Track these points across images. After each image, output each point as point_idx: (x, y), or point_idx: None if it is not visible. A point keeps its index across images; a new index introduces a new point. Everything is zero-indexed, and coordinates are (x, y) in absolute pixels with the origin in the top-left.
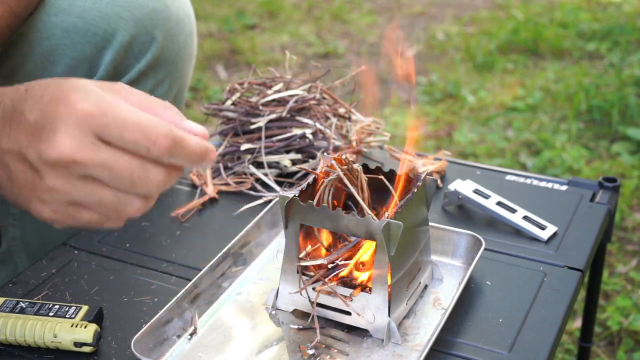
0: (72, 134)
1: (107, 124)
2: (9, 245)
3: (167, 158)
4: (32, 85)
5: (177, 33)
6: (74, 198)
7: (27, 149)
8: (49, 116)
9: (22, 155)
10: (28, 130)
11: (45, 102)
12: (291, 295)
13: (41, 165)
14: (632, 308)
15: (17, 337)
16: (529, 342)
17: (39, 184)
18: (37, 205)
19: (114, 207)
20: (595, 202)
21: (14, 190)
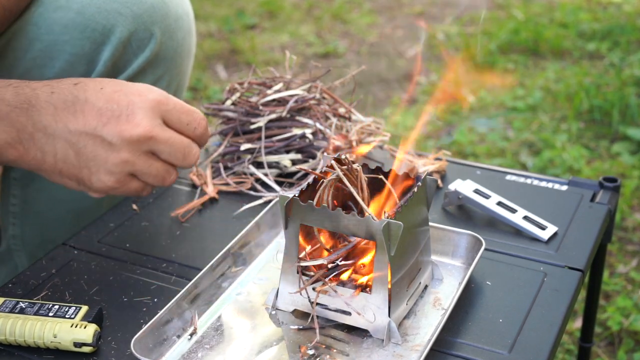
0: (147, 117)
1: (169, 109)
2: (8, 244)
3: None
4: (82, 80)
5: (175, 30)
6: (136, 169)
7: (102, 129)
8: (123, 103)
9: (96, 134)
10: (99, 115)
11: (108, 92)
12: (291, 295)
13: (120, 142)
14: (633, 308)
15: (17, 337)
16: (529, 342)
17: (111, 158)
18: (103, 175)
19: (161, 177)
20: (595, 202)
21: (79, 164)
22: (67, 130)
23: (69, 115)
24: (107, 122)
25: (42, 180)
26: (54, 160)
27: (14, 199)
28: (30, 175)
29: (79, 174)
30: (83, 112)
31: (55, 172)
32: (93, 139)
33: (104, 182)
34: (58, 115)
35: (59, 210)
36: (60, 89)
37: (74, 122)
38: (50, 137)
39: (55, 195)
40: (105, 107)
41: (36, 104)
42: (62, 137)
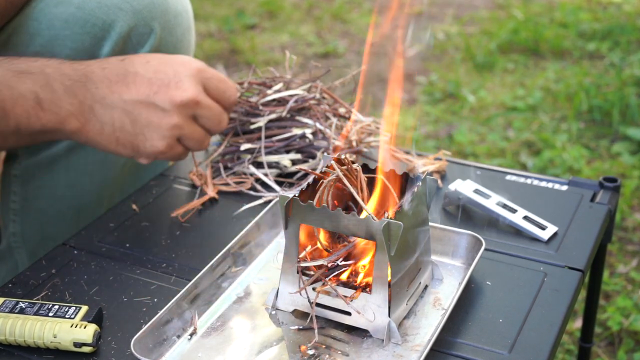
0: (193, 83)
1: (209, 77)
2: (9, 242)
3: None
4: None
5: (175, 26)
6: (183, 133)
7: (154, 97)
8: (170, 72)
9: (149, 102)
10: (150, 84)
11: (154, 64)
12: (291, 296)
13: (170, 107)
14: (633, 308)
15: (17, 337)
16: (529, 342)
17: (164, 123)
18: (156, 140)
19: (200, 141)
20: (595, 202)
21: (135, 131)
22: (122, 100)
23: (123, 86)
24: (157, 90)
25: (42, 178)
26: (112, 129)
27: (14, 196)
28: (31, 172)
29: (135, 140)
30: (135, 83)
31: (111, 141)
32: (146, 107)
33: (157, 146)
34: (113, 87)
35: (59, 207)
36: (110, 65)
37: (128, 93)
38: (108, 107)
39: (56, 192)
40: (155, 77)
41: (93, 77)
42: (119, 107)
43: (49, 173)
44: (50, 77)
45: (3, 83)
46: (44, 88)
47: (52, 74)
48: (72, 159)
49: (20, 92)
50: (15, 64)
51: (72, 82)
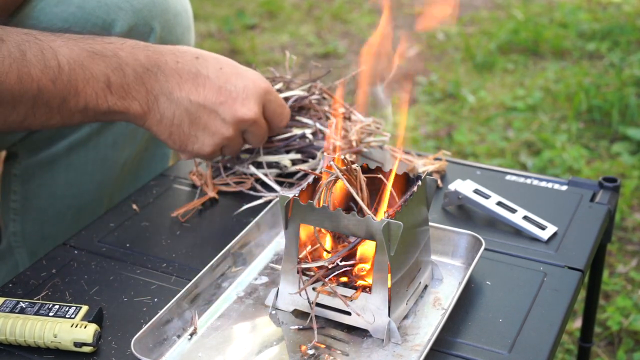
0: (257, 103)
1: (271, 100)
2: (9, 241)
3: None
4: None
5: (174, 25)
6: (229, 144)
7: (219, 106)
8: (240, 87)
9: (213, 109)
10: (217, 92)
11: (227, 74)
12: (291, 296)
13: (231, 120)
14: (632, 308)
15: (17, 337)
16: (529, 342)
17: (220, 132)
18: (205, 145)
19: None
20: (595, 202)
21: (189, 132)
22: (189, 100)
23: (192, 86)
24: (224, 101)
25: (42, 177)
26: (170, 124)
27: (14, 195)
28: (31, 172)
29: (186, 139)
30: (204, 86)
31: (164, 132)
32: (209, 113)
33: (204, 150)
34: (182, 84)
35: (60, 207)
36: (184, 60)
37: (196, 94)
38: (173, 102)
39: (56, 191)
40: (225, 86)
41: (165, 69)
42: (183, 106)
43: (49, 172)
44: (123, 62)
45: (77, 62)
46: (115, 72)
47: (124, 58)
48: (72, 158)
49: (93, 73)
50: (90, 44)
51: (144, 70)
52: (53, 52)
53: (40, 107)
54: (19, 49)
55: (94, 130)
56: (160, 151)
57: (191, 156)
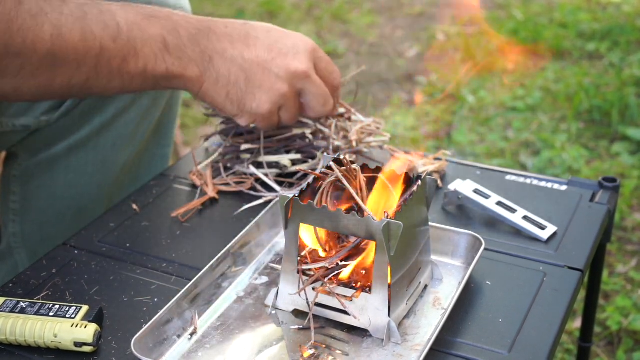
0: (308, 58)
1: (321, 57)
2: (9, 242)
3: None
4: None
5: None
6: (286, 103)
7: (272, 62)
8: (290, 43)
9: (266, 66)
10: (270, 50)
11: (275, 34)
12: (291, 295)
13: (285, 75)
14: (632, 308)
15: (18, 337)
16: (529, 342)
17: (276, 88)
18: (263, 103)
19: (294, 118)
20: (595, 202)
21: (246, 89)
22: (242, 57)
23: (244, 45)
24: (276, 57)
25: (42, 178)
26: (226, 82)
27: (14, 196)
28: (31, 173)
29: (244, 98)
30: (255, 45)
31: (222, 94)
32: (262, 69)
33: (262, 108)
34: (234, 43)
35: (59, 207)
36: (233, 25)
37: (248, 52)
38: (227, 60)
39: (55, 192)
40: (274, 45)
41: (216, 31)
42: (237, 63)
43: (49, 173)
44: (177, 24)
45: (135, 23)
46: (171, 33)
47: (179, 21)
48: (72, 159)
49: (150, 34)
50: (144, 9)
51: (197, 31)
52: (111, 13)
53: (103, 68)
54: (80, 9)
55: (93, 132)
56: (160, 151)
57: (249, 119)
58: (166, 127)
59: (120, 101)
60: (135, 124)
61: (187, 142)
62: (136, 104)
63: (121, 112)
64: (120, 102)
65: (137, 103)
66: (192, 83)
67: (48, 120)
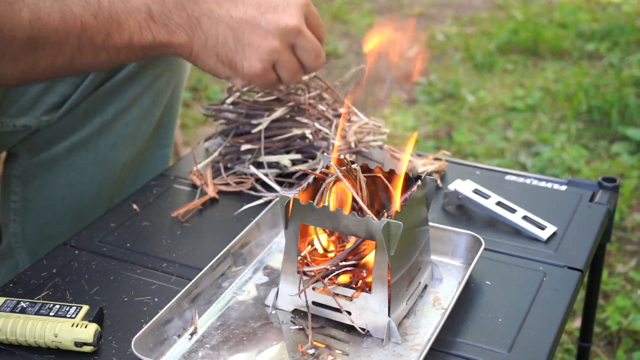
0: (299, 12)
1: (312, 11)
2: (9, 241)
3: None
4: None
5: None
6: (280, 59)
7: (261, 17)
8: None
9: (255, 22)
10: (258, 6)
11: None
12: (291, 296)
13: (274, 30)
14: (632, 308)
15: (18, 337)
16: (529, 342)
17: (265, 44)
18: (254, 61)
19: (293, 73)
20: (594, 202)
21: (236, 48)
22: (229, 16)
23: (231, 4)
24: (265, 12)
25: (42, 178)
26: (215, 43)
27: (14, 196)
28: (31, 173)
29: (234, 57)
30: (244, 3)
31: (212, 55)
32: (251, 26)
33: (253, 67)
34: (221, 3)
35: (60, 207)
36: None
37: (236, 10)
38: (215, 21)
39: (56, 192)
40: (264, 0)
41: None
42: (225, 22)
43: (49, 173)
44: None
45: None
46: (155, 1)
47: None
48: (72, 159)
49: (133, 4)
50: None
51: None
52: None
53: (86, 46)
54: None
55: (94, 132)
56: (160, 151)
57: (245, 80)
58: (166, 127)
59: (120, 101)
60: (136, 124)
61: (187, 142)
62: (137, 104)
63: (122, 112)
64: (120, 102)
65: (137, 103)
66: (181, 49)
67: (49, 120)
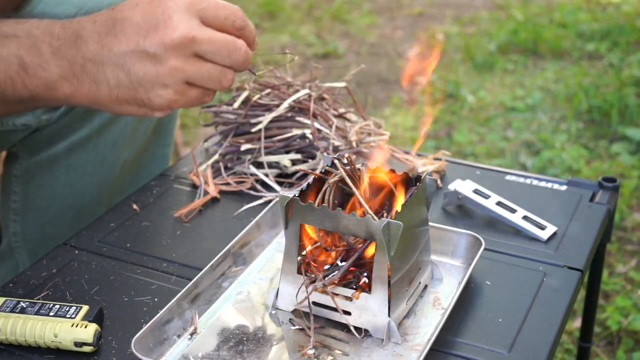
0: (184, 19)
1: (205, 8)
2: (9, 241)
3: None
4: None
5: None
6: (188, 75)
7: (144, 43)
8: (159, 11)
9: (141, 50)
10: (138, 30)
11: (144, 6)
12: (291, 295)
13: (163, 51)
14: (632, 308)
15: (18, 337)
16: (529, 342)
17: (161, 70)
18: (159, 90)
19: (216, 79)
20: (594, 202)
21: (133, 85)
22: (113, 53)
23: (112, 38)
24: (147, 35)
25: (42, 178)
26: (109, 88)
27: (14, 195)
28: (31, 172)
29: (136, 95)
30: (123, 31)
31: (112, 100)
32: (139, 56)
33: (163, 96)
34: (102, 41)
35: (60, 207)
36: (100, 17)
37: (117, 44)
38: (100, 64)
39: (56, 192)
40: (143, 20)
41: (83, 34)
42: (110, 62)
43: (49, 173)
44: (38, 39)
45: None
46: (29, 51)
47: (39, 36)
48: (72, 159)
49: (3, 56)
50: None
51: (61, 43)
52: None
53: None
54: None
55: (94, 131)
56: (160, 151)
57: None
58: (166, 127)
59: None
60: (136, 124)
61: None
62: None
63: None
64: None
65: None
66: (71, 99)
67: (49, 119)
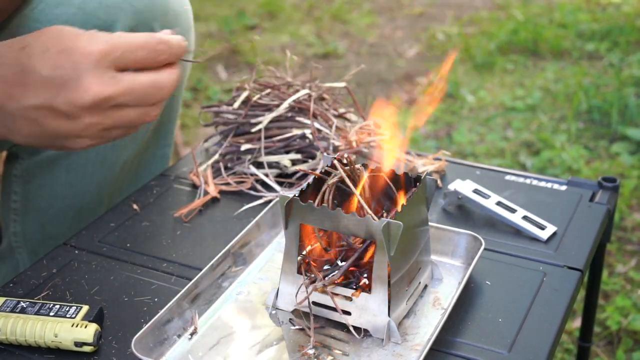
0: (96, 76)
1: (119, 56)
2: (10, 241)
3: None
4: (29, 41)
5: (175, 26)
6: (108, 125)
7: (55, 100)
8: (68, 67)
9: (51, 107)
10: (46, 84)
11: (53, 55)
12: (291, 295)
13: (76, 111)
14: (632, 308)
15: (18, 337)
16: (529, 342)
17: (74, 127)
18: (74, 142)
19: (140, 120)
20: (594, 202)
21: (46, 139)
22: (22, 107)
23: (20, 89)
24: (57, 93)
25: (43, 177)
26: (23, 137)
27: (15, 195)
28: (31, 172)
29: (54, 144)
30: (33, 84)
31: (29, 145)
32: (50, 112)
33: (83, 144)
34: (10, 91)
35: (60, 207)
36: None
37: (26, 98)
38: (9, 115)
39: (56, 191)
40: (52, 75)
41: None
42: (20, 115)
43: (50, 173)
44: None
45: None
46: None
47: None
48: (72, 159)
49: None
50: None
51: None
52: None
53: None
54: None
55: None
56: (160, 151)
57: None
58: (166, 127)
59: None
60: None
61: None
62: None
63: None
64: None
65: None
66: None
67: None
